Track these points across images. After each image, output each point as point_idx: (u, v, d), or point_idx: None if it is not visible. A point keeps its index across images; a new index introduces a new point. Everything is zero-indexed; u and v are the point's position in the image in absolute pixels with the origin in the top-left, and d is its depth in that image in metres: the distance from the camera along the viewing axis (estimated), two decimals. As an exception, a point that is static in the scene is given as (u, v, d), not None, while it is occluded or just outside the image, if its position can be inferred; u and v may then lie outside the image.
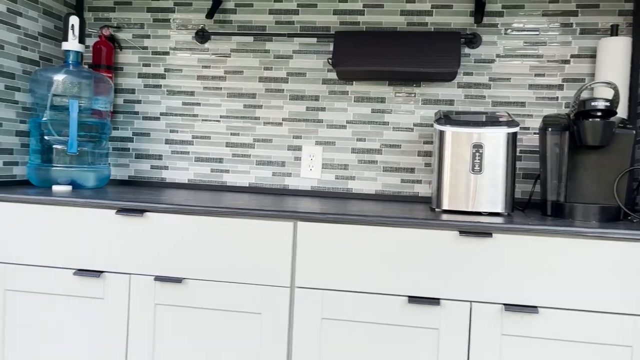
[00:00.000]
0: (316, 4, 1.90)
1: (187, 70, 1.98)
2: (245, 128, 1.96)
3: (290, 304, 1.35)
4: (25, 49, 1.75)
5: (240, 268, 1.37)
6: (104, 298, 1.42)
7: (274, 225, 1.36)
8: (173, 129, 1.99)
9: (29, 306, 1.46)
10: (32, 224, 1.45)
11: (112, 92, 1.80)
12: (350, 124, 1.89)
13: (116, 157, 2.03)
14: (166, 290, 1.39)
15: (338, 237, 1.33)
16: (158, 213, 1.40)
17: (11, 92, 1.69)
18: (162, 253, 1.40)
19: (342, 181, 1.90)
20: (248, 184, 1.96)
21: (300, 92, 1.92)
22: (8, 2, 1.66)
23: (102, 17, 2.01)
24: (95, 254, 1.42)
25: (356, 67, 1.74)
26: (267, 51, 1.93)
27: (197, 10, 1.96)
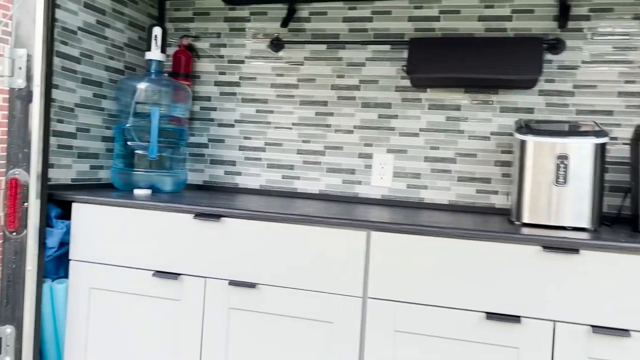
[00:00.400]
0: (390, 10, 1.88)
1: (261, 78, 2.01)
2: (316, 135, 1.96)
3: (362, 315, 1.34)
4: (112, 58, 1.84)
5: (312, 276, 1.37)
6: (181, 300, 1.46)
7: (347, 234, 1.34)
8: (247, 135, 2.03)
9: (110, 304, 1.53)
10: (115, 225, 1.52)
11: (190, 100, 1.86)
12: (423, 132, 1.86)
13: (192, 163, 2.09)
14: (240, 294, 1.42)
15: (412, 248, 1.30)
16: (234, 218, 1.42)
17: (98, 99, 1.79)
18: (236, 257, 1.42)
19: (413, 190, 1.86)
20: (318, 191, 1.96)
21: (372, 99, 1.90)
22: (98, 14, 1.76)
23: (181, 27, 2.09)
24: (173, 256, 1.47)
25: (431, 74, 1.70)
26: (339, 59, 1.93)
27: (272, 20, 2.00)
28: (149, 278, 1.49)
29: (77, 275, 1.55)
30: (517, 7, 1.77)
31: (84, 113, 1.73)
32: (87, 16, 1.71)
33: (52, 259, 1.56)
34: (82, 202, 1.54)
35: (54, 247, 1.52)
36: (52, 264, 1.57)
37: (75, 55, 1.67)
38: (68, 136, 1.67)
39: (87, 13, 1.71)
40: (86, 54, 1.72)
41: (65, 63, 1.64)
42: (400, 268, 1.31)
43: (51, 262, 1.57)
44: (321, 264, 1.36)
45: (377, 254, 1.33)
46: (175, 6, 2.09)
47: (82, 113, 1.72)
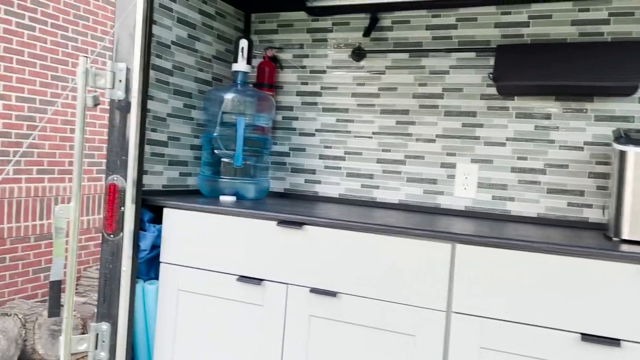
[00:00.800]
0: (476, 17, 1.83)
1: (342, 87, 2.03)
2: (396, 144, 1.94)
3: (446, 329, 1.30)
4: (201, 70, 1.93)
5: (394, 287, 1.35)
6: (263, 305, 1.49)
7: (432, 246, 1.32)
8: (327, 144, 2.05)
9: (197, 306, 1.58)
10: (202, 230, 1.58)
11: (273, 110, 1.90)
12: (510, 141, 1.79)
13: (274, 171, 2.14)
14: (321, 302, 1.42)
15: (499, 263, 1.25)
16: (316, 226, 1.43)
17: (188, 109, 1.87)
18: (318, 265, 1.43)
19: (499, 202, 1.79)
20: (398, 200, 1.94)
21: (456, 108, 1.86)
22: (189, 29, 1.85)
23: (266, 39, 2.15)
24: (257, 262, 1.50)
25: (520, 82, 1.64)
26: (422, 67, 1.91)
27: (354, 29, 2.01)
28: (234, 282, 1.53)
29: (167, 277, 1.62)
30: (615, 9, 1.67)
31: (175, 122, 1.82)
32: (180, 31, 1.80)
33: (144, 261, 1.64)
34: (172, 208, 1.61)
35: (146, 250, 1.60)
36: (144, 266, 1.66)
37: (168, 68, 1.77)
38: (160, 144, 1.76)
39: (179, 28, 1.80)
40: (178, 67, 1.81)
41: (160, 75, 1.74)
42: (487, 282, 1.26)
43: (143, 264, 1.65)
44: (403, 276, 1.34)
45: (462, 267, 1.29)
46: (260, 19, 2.16)
47: (173, 122, 1.81)
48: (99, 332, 1.56)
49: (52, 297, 1.49)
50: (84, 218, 4.05)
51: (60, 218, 1.47)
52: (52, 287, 1.48)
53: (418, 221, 1.51)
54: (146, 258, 1.62)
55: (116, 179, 1.55)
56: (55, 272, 1.48)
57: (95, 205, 4.11)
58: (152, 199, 1.64)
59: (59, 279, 1.49)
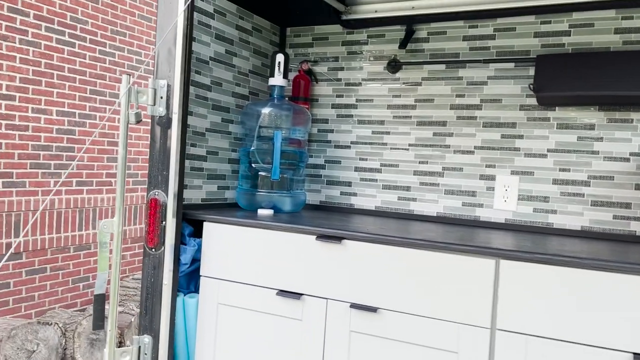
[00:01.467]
0: (515, 27, 1.81)
1: (378, 99, 2.02)
2: (434, 156, 1.93)
3: (490, 347, 1.27)
4: (238, 85, 1.95)
5: (436, 303, 1.33)
6: (302, 320, 1.49)
7: (475, 261, 1.29)
8: (362, 157, 2.05)
9: (237, 319, 1.59)
10: (242, 244, 1.59)
11: (309, 123, 1.91)
12: (551, 152, 1.75)
13: (309, 183, 2.14)
14: (361, 318, 1.41)
15: (546, 279, 1.22)
16: (356, 241, 1.43)
17: (226, 124, 1.90)
18: (358, 280, 1.42)
19: (541, 214, 1.75)
20: (436, 213, 1.92)
21: (495, 119, 1.83)
22: (227, 44, 1.87)
23: (302, 52, 2.17)
24: (296, 276, 1.51)
25: (562, 92, 1.60)
26: (459, 78, 1.89)
27: (390, 42, 2.00)
28: (273, 297, 1.53)
29: (207, 290, 1.64)
30: (661, 16, 1.63)
31: (214, 137, 1.84)
32: (218, 47, 1.83)
33: (184, 275, 1.66)
34: (212, 222, 1.63)
35: (187, 264, 1.62)
36: (184, 279, 1.68)
37: (207, 84, 1.80)
38: (199, 159, 1.78)
39: (217, 44, 1.83)
40: (216, 82, 1.84)
41: (199, 91, 1.76)
42: (532, 299, 1.23)
43: (184, 277, 1.67)
44: (446, 292, 1.32)
45: (506, 284, 1.26)
46: (295, 32, 2.18)
47: (211, 137, 1.83)
48: (141, 345, 1.58)
49: (96, 310, 1.52)
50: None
51: (104, 232, 1.50)
52: (97, 300, 1.51)
53: (458, 235, 1.49)
54: (187, 272, 1.64)
55: (157, 194, 1.58)
56: (100, 286, 1.51)
57: (131, 216, 4.19)
58: (192, 213, 1.66)
59: (103, 293, 1.52)
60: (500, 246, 1.30)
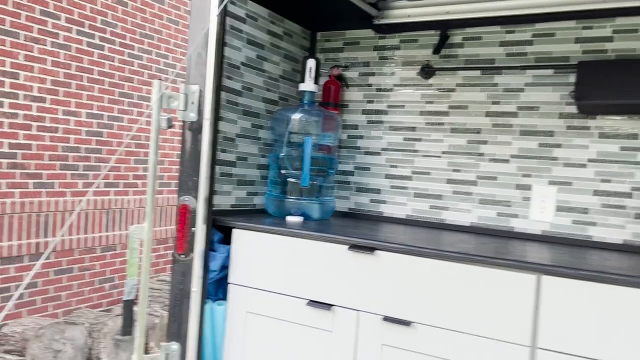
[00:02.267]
0: (554, 32, 1.75)
1: (410, 106, 1.98)
2: (467, 164, 1.88)
3: (530, 366, 1.22)
4: (269, 90, 1.93)
5: (473, 318, 1.28)
6: (333, 331, 1.46)
7: (514, 276, 1.24)
8: (393, 164, 2.01)
9: (265, 329, 1.57)
10: (271, 252, 1.56)
11: (340, 129, 1.88)
12: (592, 162, 1.68)
13: (338, 190, 2.11)
14: (394, 331, 1.37)
15: (590, 297, 1.17)
16: (388, 252, 1.39)
17: (256, 129, 1.88)
18: (391, 292, 1.38)
19: (580, 227, 1.69)
20: (469, 223, 1.86)
21: (532, 127, 1.77)
22: (258, 49, 1.86)
23: (332, 57, 2.14)
24: (326, 286, 1.47)
25: (605, 100, 1.54)
26: (495, 85, 1.84)
27: (423, 47, 1.96)
28: (303, 307, 1.50)
29: (235, 298, 1.61)
30: None
31: (244, 143, 1.82)
32: (249, 52, 1.82)
33: (213, 282, 1.64)
34: (241, 229, 1.61)
35: (216, 270, 1.61)
36: (213, 286, 1.66)
37: (238, 89, 1.78)
38: (229, 164, 1.77)
39: (249, 49, 1.81)
40: (247, 87, 1.82)
41: (230, 96, 1.75)
42: (577, 318, 1.18)
43: (212, 285, 1.65)
44: (483, 307, 1.27)
45: (548, 301, 1.21)
46: (326, 37, 2.15)
47: (241, 143, 1.81)
48: (169, 352, 1.57)
49: (125, 316, 1.51)
50: (147, 230, 4.15)
51: (134, 238, 1.49)
52: (126, 306, 1.51)
53: (493, 247, 1.44)
54: (215, 278, 1.63)
55: (188, 200, 1.57)
56: (129, 292, 1.51)
57: (157, 218, 4.21)
58: (221, 219, 1.64)
59: (132, 299, 1.51)
60: (540, 260, 1.25)
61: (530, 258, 1.28)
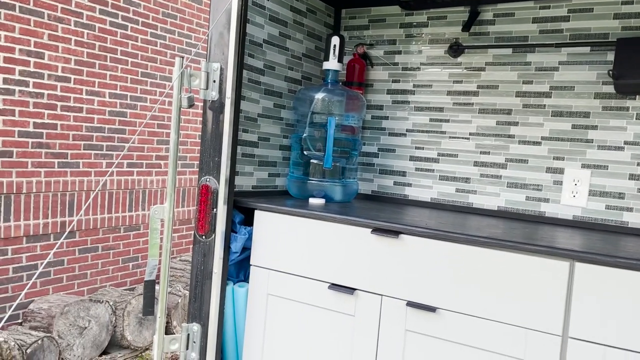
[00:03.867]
0: (592, 7, 1.66)
1: (437, 85, 1.92)
2: (496, 146, 1.81)
3: (560, 356, 1.18)
4: (291, 69, 1.88)
5: (500, 305, 1.24)
6: (355, 316, 1.43)
7: (546, 263, 1.19)
8: (418, 145, 1.95)
9: (286, 311, 1.55)
10: (293, 234, 1.53)
11: (364, 109, 1.83)
12: (629, 145, 1.61)
13: (361, 172, 2.07)
14: (418, 317, 1.34)
15: (626, 285, 1.11)
16: (413, 236, 1.35)
17: (278, 109, 1.84)
18: (415, 278, 1.35)
19: (615, 212, 1.62)
20: (497, 207, 1.81)
21: (567, 107, 1.70)
22: (281, 26, 1.81)
23: (357, 35, 2.08)
24: (349, 270, 1.44)
25: (646, 80, 1.46)
26: (527, 63, 1.76)
27: (452, 24, 1.89)
28: (325, 290, 1.47)
29: (257, 280, 1.59)
30: None
31: (266, 123, 1.79)
32: (272, 29, 1.77)
33: (234, 263, 1.63)
34: (263, 210, 1.58)
35: (237, 252, 1.59)
36: (234, 268, 1.65)
37: (259, 67, 1.74)
38: (251, 145, 1.74)
39: (271, 26, 1.76)
40: (269, 66, 1.78)
41: (252, 75, 1.71)
42: (611, 307, 1.12)
43: (233, 266, 1.64)
44: (512, 294, 1.23)
45: (581, 289, 1.15)
46: (350, 14, 2.09)
47: (263, 123, 1.78)
48: (190, 333, 1.56)
49: (146, 297, 1.50)
50: (169, 211, 4.17)
51: (155, 218, 1.48)
52: (147, 286, 1.50)
53: (523, 232, 1.38)
54: (237, 260, 1.61)
55: (209, 180, 1.54)
56: (150, 272, 1.50)
57: (179, 199, 4.23)
58: (243, 201, 1.61)
59: (153, 279, 1.50)
60: (573, 247, 1.19)
61: (563, 244, 1.22)
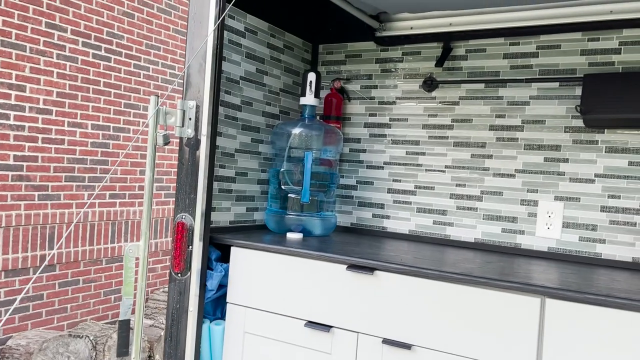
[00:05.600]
0: (559, 44, 1.71)
1: (413, 119, 1.95)
2: (472, 179, 1.83)
3: (534, 393, 1.18)
4: (269, 104, 1.90)
5: (475, 342, 1.24)
6: (332, 353, 1.42)
7: (518, 299, 1.20)
8: (396, 178, 1.97)
9: (263, 350, 1.53)
10: (269, 271, 1.53)
11: (341, 143, 1.85)
12: (599, 177, 1.64)
13: (340, 204, 2.08)
14: (394, 354, 1.33)
15: (598, 322, 1.12)
16: (389, 272, 1.35)
17: (255, 144, 1.85)
18: (391, 315, 1.34)
19: (588, 244, 1.64)
20: (473, 239, 1.82)
21: (538, 141, 1.73)
22: (258, 63, 1.83)
23: (334, 70, 2.11)
24: (325, 307, 1.44)
25: (613, 114, 1.50)
26: (500, 98, 1.80)
27: (426, 59, 1.93)
28: (301, 328, 1.47)
29: (233, 318, 1.58)
30: None
31: (243, 158, 1.80)
32: (249, 66, 1.79)
33: (210, 301, 1.61)
34: (239, 247, 1.58)
35: (213, 290, 1.58)
36: (211, 305, 1.63)
37: (237, 104, 1.76)
38: (228, 180, 1.74)
39: (248, 63, 1.79)
40: (246, 102, 1.80)
41: (228, 111, 1.72)
42: (583, 343, 1.13)
43: (210, 303, 1.62)
44: (486, 330, 1.23)
45: (553, 325, 1.16)
46: (327, 49, 2.12)
47: (241, 158, 1.79)
48: (165, 373, 1.54)
49: (120, 336, 1.48)
50: (152, 241, 4.14)
51: (130, 257, 1.47)
52: (121, 326, 1.48)
53: (499, 266, 1.40)
54: (213, 297, 1.59)
55: (184, 217, 1.54)
56: (124, 312, 1.48)
57: (162, 228, 4.20)
58: (219, 237, 1.61)
59: (128, 319, 1.48)
60: (545, 282, 1.20)
61: (535, 279, 1.24)
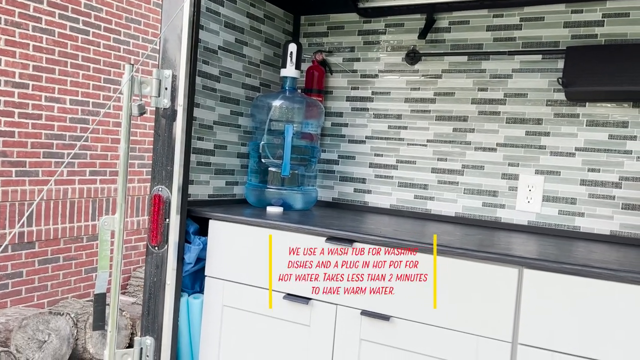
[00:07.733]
0: (543, 16, 1.69)
1: (395, 92, 1.92)
2: (453, 153, 1.82)
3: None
4: (249, 76, 1.87)
5: (454, 313, 1.24)
6: (310, 325, 1.42)
7: (496, 270, 1.20)
8: (378, 152, 1.95)
9: (242, 323, 1.52)
10: (249, 244, 1.51)
11: (323, 116, 1.82)
12: (580, 151, 1.64)
13: (321, 179, 2.06)
14: (372, 326, 1.33)
15: (574, 291, 1.12)
16: (368, 244, 1.34)
17: (235, 117, 1.82)
18: (370, 286, 1.34)
19: (567, 217, 1.65)
20: (454, 213, 1.82)
21: (520, 114, 1.72)
22: (237, 33, 1.79)
23: (315, 42, 2.07)
24: (304, 279, 1.43)
25: (594, 87, 1.49)
26: (482, 71, 1.78)
27: (409, 31, 1.90)
28: (280, 300, 1.46)
29: (212, 291, 1.57)
30: None
31: (222, 130, 1.76)
32: (227, 35, 1.75)
33: (189, 274, 1.59)
34: (218, 220, 1.56)
35: (191, 263, 1.56)
36: (189, 279, 1.61)
37: (215, 74, 1.71)
38: (207, 153, 1.71)
39: (227, 32, 1.75)
40: (225, 73, 1.76)
41: (206, 82, 1.68)
42: (560, 313, 1.13)
43: (188, 277, 1.61)
44: (463, 301, 1.23)
45: (530, 295, 1.16)
46: (309, 21, 2.08)
47: (220, 130, 1.75)
48: (143, 347, 1.52)
49: (96, 310, 1.46)
50: (134, 219, 4.10)
51: (105, 230, 1.44)
52: (97, 300, 1.45)
53: (478, 239, 1.39)
54: (191, 271, 1.58)
55: (161, 190, 1.51)
56: (100, 285, 1.45)
57: (144, 206, 4.16)
58: (197, 210, 1.59)
59: (103, 292, 1.46)
60: (524, 253, 1.20)
61: (514, 250, 1.24)
